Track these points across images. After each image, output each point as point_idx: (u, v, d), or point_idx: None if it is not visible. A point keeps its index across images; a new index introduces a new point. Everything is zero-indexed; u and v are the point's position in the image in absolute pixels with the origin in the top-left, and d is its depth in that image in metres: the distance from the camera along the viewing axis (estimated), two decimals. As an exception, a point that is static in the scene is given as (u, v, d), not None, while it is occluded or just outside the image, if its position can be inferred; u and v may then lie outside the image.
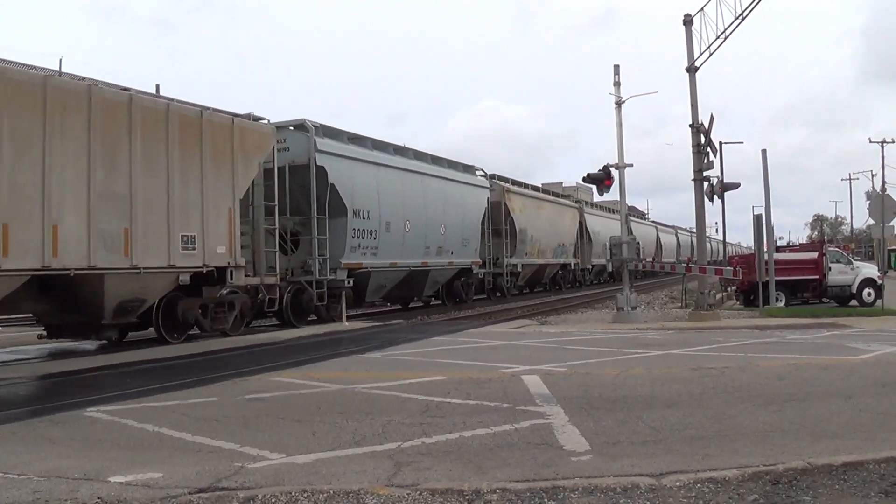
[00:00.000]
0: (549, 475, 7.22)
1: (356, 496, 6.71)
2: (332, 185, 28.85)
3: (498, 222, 44.53)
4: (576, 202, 62.64)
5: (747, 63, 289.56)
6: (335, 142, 29.91)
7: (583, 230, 60.80)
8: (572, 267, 59.83)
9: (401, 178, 34.23)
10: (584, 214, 61.91)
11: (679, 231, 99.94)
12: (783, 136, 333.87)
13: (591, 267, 63.57)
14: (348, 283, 29.99)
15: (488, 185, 43.75)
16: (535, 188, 54.67)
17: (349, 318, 28.52)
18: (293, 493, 6.76)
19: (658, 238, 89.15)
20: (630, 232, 34.31)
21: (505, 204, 45.55)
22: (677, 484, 6.81)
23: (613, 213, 62.86)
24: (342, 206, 29.47)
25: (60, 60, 18.78)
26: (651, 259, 65.84)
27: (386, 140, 34.91)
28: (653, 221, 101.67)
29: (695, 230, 40.89)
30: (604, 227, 62.49)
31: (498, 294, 46.49)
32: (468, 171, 42.05)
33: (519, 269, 47.36)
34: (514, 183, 49.44)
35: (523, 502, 6.51)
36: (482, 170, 44.00)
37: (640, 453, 8.03)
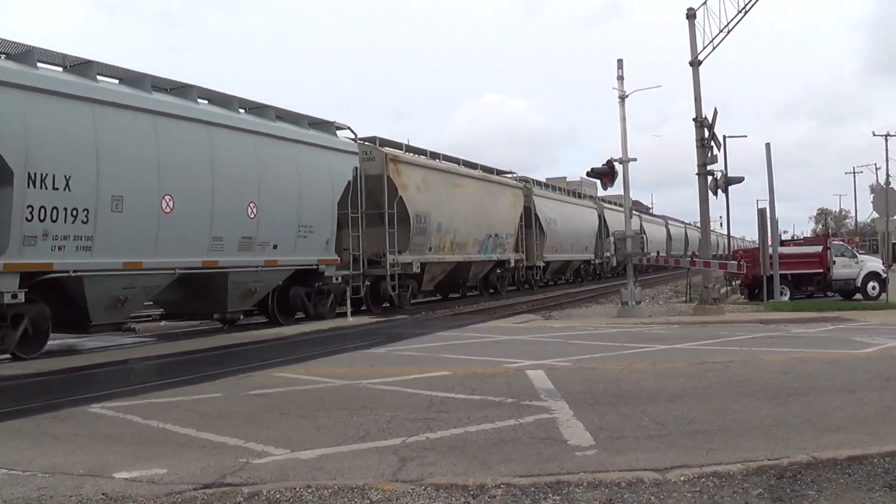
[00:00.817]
0: (553, 470, 7.22)
1: (361, 491, 6.72)
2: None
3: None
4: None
5: (752, 56, 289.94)
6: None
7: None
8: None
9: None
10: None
11: (670, 222, 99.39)
12: (788, 130, 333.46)
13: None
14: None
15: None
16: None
17: (355, 313, 28.57)
18: (298, 489, 6.76)
19: (643, 231, 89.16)
20: (631, 226, 34.16)
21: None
22: (682, 478, 6.81)
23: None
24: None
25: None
26: (656, 253, 65.59)
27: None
28: (640, 213, 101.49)
29: (699, 224, 40.82)
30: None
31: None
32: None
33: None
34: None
35: (528, 497, 6.51)
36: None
37: (645, 448, 8.03)
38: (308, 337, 21.87)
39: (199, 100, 23.40)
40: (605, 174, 28.81)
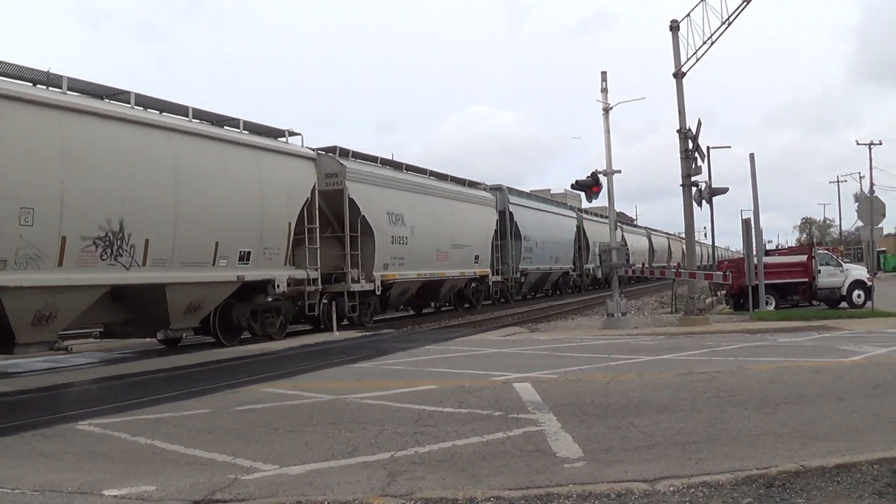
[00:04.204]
0: (542, 482, 7.23)
1: (350, 506, 6.72)
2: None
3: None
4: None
5: (738, 66, 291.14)
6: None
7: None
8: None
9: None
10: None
11: (652, 233, 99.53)
12: (774, 139, 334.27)
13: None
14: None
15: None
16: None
17: (341, 328, 28.49)
18: (287, 504, 6.76)
19: (634, 244, 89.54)
20: (623, 238, 34.27)
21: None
22: (671, 489, 6.82)
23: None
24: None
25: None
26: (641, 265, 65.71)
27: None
28: (622, 224, 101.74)
29: (683, 235, 40.96)
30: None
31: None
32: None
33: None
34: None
35: (518, 510, 6.52)
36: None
37: (633, 459, 8.05)
38: (295, 352, 21.86)
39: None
40: (590, 186, 28.83)
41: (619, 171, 29.16)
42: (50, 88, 18.90)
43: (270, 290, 26.00)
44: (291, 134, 28.35)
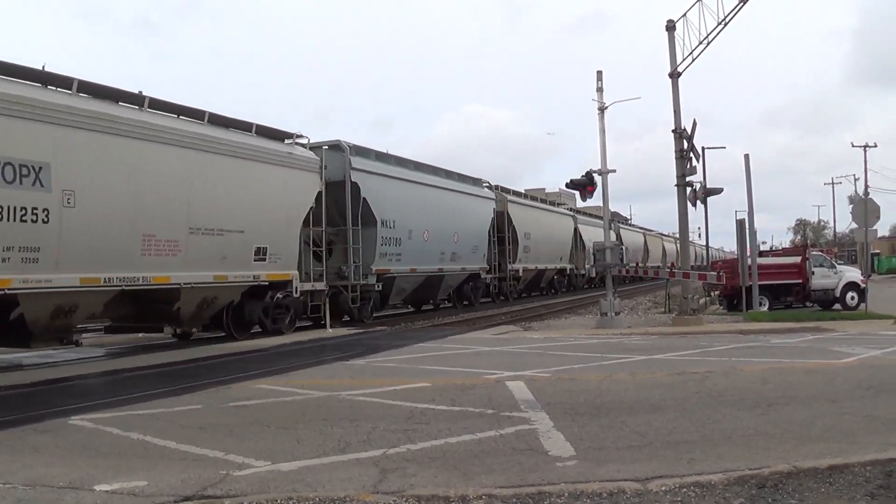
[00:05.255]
0: (534, 481, 7.22)
1: (342, 503, 6.70)
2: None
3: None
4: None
5: (735, 67, 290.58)
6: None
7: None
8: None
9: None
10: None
11: (647, 234, 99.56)
12: (770, 139, 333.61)
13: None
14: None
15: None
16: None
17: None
18: (279, 501, 6.75)
19: (645, 243, 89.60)
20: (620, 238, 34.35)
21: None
22: (663, 488, 6.82)
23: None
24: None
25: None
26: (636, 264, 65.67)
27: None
28: (619, 224, 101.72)
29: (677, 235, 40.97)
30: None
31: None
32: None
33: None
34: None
35: (509, 508, 6.52)
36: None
37: (626, 458, 8.04)
38: (288, 348, 21.81)
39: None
40: (584, 185, 28.84)
41: (614, 171, 29.21)
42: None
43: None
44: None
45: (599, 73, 28.90)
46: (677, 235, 41.69)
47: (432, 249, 37.61)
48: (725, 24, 28.12)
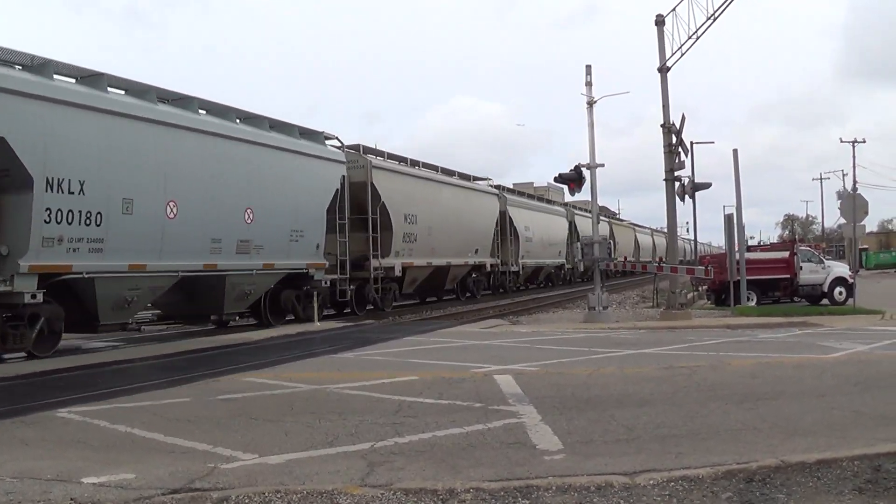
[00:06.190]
0: (522, 474, 7.22)
1: (330, 496, 6.69)
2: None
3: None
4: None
5: (725, 62, 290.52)
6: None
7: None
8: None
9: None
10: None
11: (637, 228, 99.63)
12: (759, 135, 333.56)
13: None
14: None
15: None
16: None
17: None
18: (266, 494, 6.73)
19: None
20: (612, 234, 34.50)
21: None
22: (651, 482, 6.82)
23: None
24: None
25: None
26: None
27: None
28: (609, 218, 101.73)
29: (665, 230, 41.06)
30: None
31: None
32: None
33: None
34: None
35: (497, 501, 6.51)
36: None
37: (614, 452, 8.05)
38: (276, 342, 21.80)
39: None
40: (573, 180, 28.87)
41: (603, 165, 29.27)
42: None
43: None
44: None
45: (588, 67, 28.92)
46: (665, 230, 41.72)
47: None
48: (714, 19, 28.08)
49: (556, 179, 30.39)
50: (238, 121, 26.00)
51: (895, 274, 74.87)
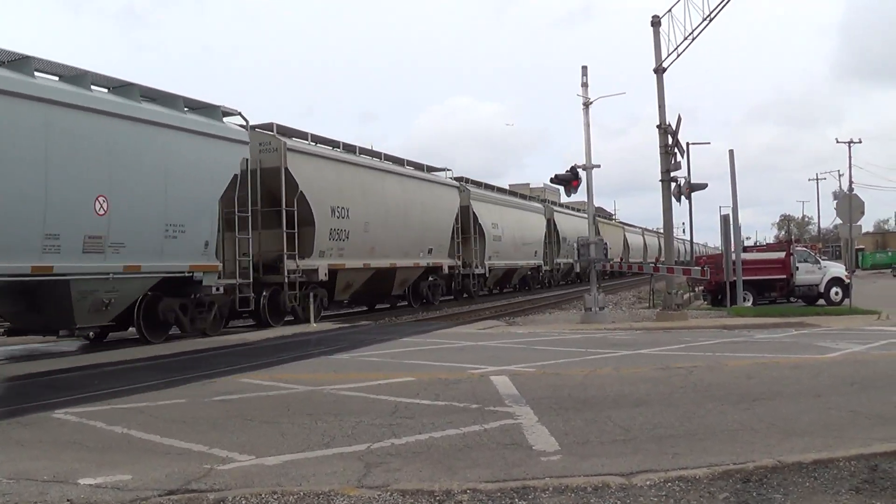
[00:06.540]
0: (519, 475, 7.22)
1: (327, 497, 6.69)
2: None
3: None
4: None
5: (721, 63, 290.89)
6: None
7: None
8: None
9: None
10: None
11: (627, 228, 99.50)
12: (755, 136, 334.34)
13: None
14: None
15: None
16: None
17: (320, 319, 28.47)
18: (263, 495, 6.72)
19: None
20: (598, 233, 34.42)
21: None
22: (648, 483, 6.82)
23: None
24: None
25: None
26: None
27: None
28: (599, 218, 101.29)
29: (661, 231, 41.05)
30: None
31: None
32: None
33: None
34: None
35: (494, 502, 6.50)
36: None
37: (610, 453, 8.04)
38: (272, 343, 21.78)
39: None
40: (569, 181, 28.90)
41: (599, 166, 29.31)
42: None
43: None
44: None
45: (584, 68, 28.95)
46: (660, 231, 41.71)
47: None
48: (710, 20, 28.12)
49: (552, 180, 30.49)
50: (100, 90, 20.59)
51: (891, 274, 74.91)
